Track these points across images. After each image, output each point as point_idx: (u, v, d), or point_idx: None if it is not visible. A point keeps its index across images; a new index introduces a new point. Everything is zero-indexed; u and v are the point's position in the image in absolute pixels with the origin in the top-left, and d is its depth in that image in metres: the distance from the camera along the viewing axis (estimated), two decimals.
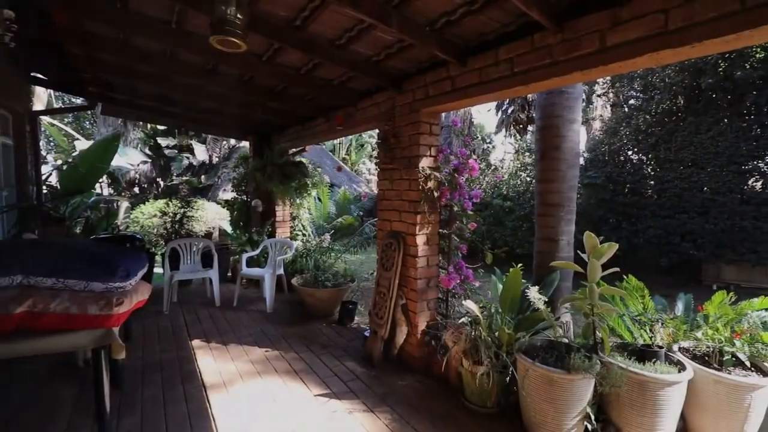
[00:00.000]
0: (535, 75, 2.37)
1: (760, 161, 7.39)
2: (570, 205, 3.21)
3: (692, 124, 7.87)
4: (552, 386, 2.34)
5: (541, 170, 3.33)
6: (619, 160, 8.82)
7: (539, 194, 3.34)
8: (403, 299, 3.36)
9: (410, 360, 3.32)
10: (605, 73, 2.21)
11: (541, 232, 3.31)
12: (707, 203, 7.48)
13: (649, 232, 7.92)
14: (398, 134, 3.46)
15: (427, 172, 3.21)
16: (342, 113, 4.30)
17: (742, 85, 7.42)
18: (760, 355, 2.60)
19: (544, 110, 3.30)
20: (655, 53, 1.86)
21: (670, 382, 2.31)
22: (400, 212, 3.44)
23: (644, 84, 8.86)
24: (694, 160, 7.67)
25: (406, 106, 3.40)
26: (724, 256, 7.47)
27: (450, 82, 2.98)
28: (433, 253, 3.35)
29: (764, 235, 7.08)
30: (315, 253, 5.26)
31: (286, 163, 5.19)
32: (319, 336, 4.02)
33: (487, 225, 9.75)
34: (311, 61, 3.40)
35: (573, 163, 3.21)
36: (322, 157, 15.38)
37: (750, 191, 7.44)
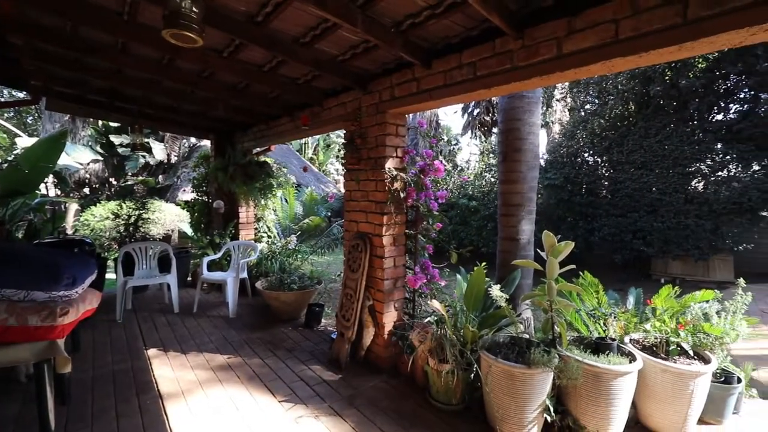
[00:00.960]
0: (496, 79, 2.43)
1: (701, 164, 8.00)
2: (530, 205, 3.32)
3: (642, 129, 8.40)
4: (513, 381, 2.40)
5: (504, 172, 3.43)
6: (577, 162, 9.27)
7: (502, 195, 3.43)
8: (370, 300, 3.35)
9: (377, 361, 3.32)
10: (562, 78, 2.30)
11: (503, 232, 3.41)
12: (655, 203, 8.00)
13: (604, 230, 8.36)
14: (365, 135, 3.45)
15: (393, 173, 3.22)
16: (307, 113, 4.23)
17: (686, 93, 8.00)
18: (702, 344, 2.81)
19: (506, 114, 3.40)
20: (608, 61, 1.96)
21: (623, 372, 2.44)
22: (367, 213, 3.43)
23: (599, 90, 9.35)
24: (643, 163, 8.18)
25: (373, 107, 3.40)
26: (670, 252, 8.02)
27: (415, 83, 3.00)
28: (400, 254, 3.37)
29: (705, 232, 7.67)
30: (281, 256, 5.15)
31: (250, 162, 5.04)
32: (285, 340, 3.94)
33: (453, 225, 9.94)
34: (275, 59, 3.32)
35: (533, 165, 3.32)
36: (289, 157, 15.10)
37: (693, 191, 8.03)
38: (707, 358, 2.67)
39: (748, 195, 7.47)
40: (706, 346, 2.79)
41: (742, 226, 7.77)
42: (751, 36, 1.59)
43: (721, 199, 7.63)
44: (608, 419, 2.47)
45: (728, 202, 7.59)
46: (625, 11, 1.86)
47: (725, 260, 8.23)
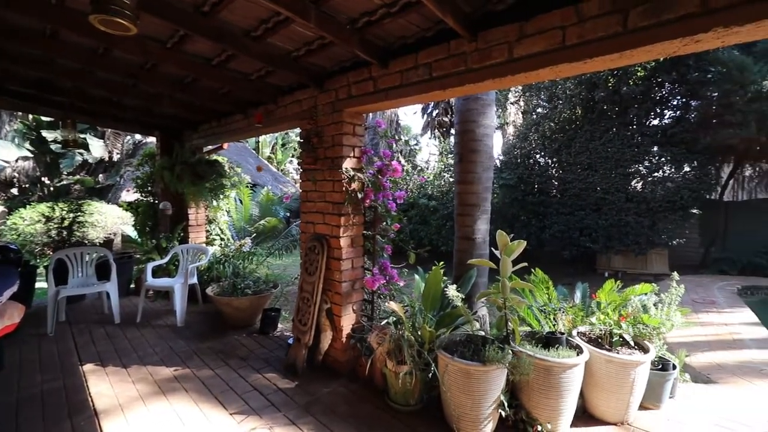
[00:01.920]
0: (451, 80, 2.45)
1: (640, 165, 8.62)
2: (485, 205, 3.40)
3: (588, 132, 8.91)
4: (469, 379, 2.43)
5: (460, 172, 3.48)
6: (529, 162, 9.68)
7: (458, 195, 3.48)
8: (327, 303, 3.27)
9: (336, 365, 3.25)
10: (514, 82, 2.35)
11: (459, 231, 3.46)
12: (600, 201, 8.53)
13: (554, 227, 8.80)
14: (321, 134, 3.37)
15: (350, 173, 3.16)
16: (261, 110, 4.07)
17: (626, 99, 8.58)
18: (642, 334, 3.00)
19: (462, 115, 3.45)
20: (555, 66, 2.02)
21: (571, 365, 2.54)
22: (324, 214, 3.35)
23: (549, 94, 9.81)
24: (589, 164, 8.69)
25: (329, 105, 3.32)
26: (613, 248, 8.58)
27: (372, 83, 2.97)
28: (358, 255, 3.32)
29: (644, 228, 8.27)
30: (234, 259, 4.92)
31: (199, 161, 4.77)
32: (238, 348, 3.76)
33: (413, 224, 10.04)
34: (224, 52, 3.15)
35: (488, 165, 3.40)
36: (245, 156, 14.57)
37: (633, 191, 8.64)
38: (646, 347, 2.85)
39: (681, 194, 8.15)
40: (645, 336, 2.98)
41: (675, 223, 8.47)
42: (684, 46, 1.70)
43: (657, 198, 8.28)
44: (558, 411, 2.57)
45: (663, 200, 8.24)
46: (572, 19, 1.93)
47: (661, 254, 8.94)
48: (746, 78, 6.99)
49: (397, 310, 2.65)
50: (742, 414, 2.91)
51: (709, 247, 9.42)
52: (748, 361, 4.03)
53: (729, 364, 3.95)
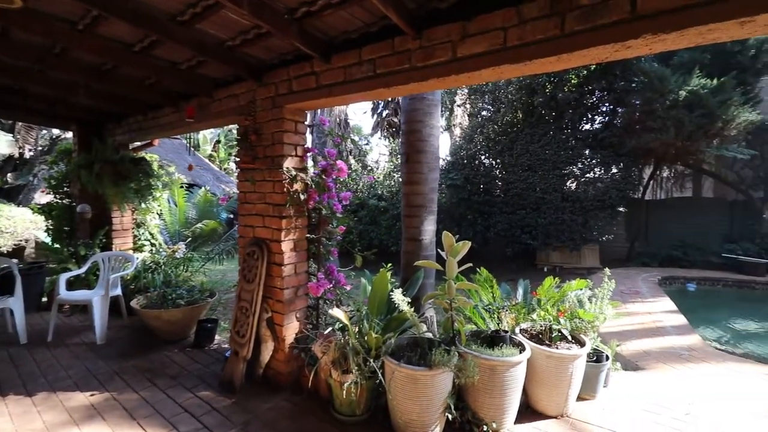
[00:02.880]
0: (396, 78, 2.37)
1: (574, 167, 9.20)
2: (432, 206, 3.38)
3: (528, 135, 9.35)
4: (416, 384, 2.38)
5: (407, 173, 3.43)
6: (475, 163, 9.97)
7: (405, 196, 3.44)
8: (268, 312, 3.06)
9: (278, 378, 3.05)
10: (457, 82, 2.32)
11: (406, 233, 3.41)
12: (539, 201, 8.98)
13: (498, 226, 9.13)
14: (260, 131, 3.15)
15: (292, 173, 2.99)
16: (194, 103, 3.75)
17: (562, 105, 9.11)
18: (578, 328, 3.13)
19: (408, 115, 3.40)
20: (498, 67, 2.01)
21: (514, 363, 2.58)
22: (264, 217, 3.14)
23: (493, 98, 10.18)
24: (529, 165, 9.12)
25: (269, 101, 3.12)
26: (551, 244, 9.08)
27: (314, 78, 2.82)
28: (302, 260, 3.15)
29: (578, 226, 8.83)
30: (166, 267, 4.51)
31: (123, 159, 4.30)
32: (168, 366, 3.42)
33: (363, 225, 9.96)
34: (147, 38, 2.84)
35: (434, 166, 3.38)
36: (182, 154, 13.62)
37: (568, 191, 9.20)
38: (582, 341, 2.98)
39: (609, 193, 8.82)
40: (581, 330, 3.12)
41: (605, 220, 9.15)
42: (615, 52, 1.75)
43: (589, 197, 8.89)
44: (503, 409, 2.60)
45: (594, 199, 8.87)
46: (513, 20, 1.93)
47: (593, 249, 9.62)
48: (665, 87, 7.71)
49: (342, 317, 2.52)
50: (665, 398, 3.14)
51: (634, 241, 10.30)
52: (670, 347, 4.39)
53: (654, 350, 4.28)
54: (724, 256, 9.00)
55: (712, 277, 8.45)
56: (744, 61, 8.46)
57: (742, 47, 8.42)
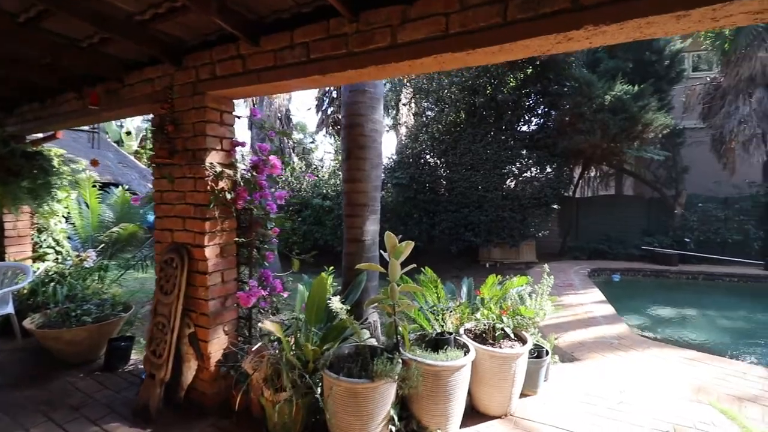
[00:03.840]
0: (332, 64, 2.16)
1: (513, 166, 9.56)
2: (375, 205, 3.21)
3: (470, 135, 9.56)
4: (357, 398, 2.19)
5: (348, 170, 3.23)
6: (420, 162, 10.01)
7: (346, 194, 3.23)
8: (190, 327, 2.71)
9: (203, 400, 2.71)
10: (398, 71, 2.16)
11: (348, 233, 3.21)
12: (481, 199, 9.21)
13: (443, 224, 9.24)
14: (179, 121, 2.78)
15: (217, 170, 2.66)
16: (100, 89, 3.24)
17: (502, 106, 9.42)
18: (520, 324, 3.13)
19: (349, 108, 3.20)
20: (439, 55, 1.88)
21: (458, 366, 2.49)
22: (185, 219, 2.77)
23: (437, 98, 10.28)
24: (472, 164, 9.32)
25: (189, 87, 2.75)
26: (492, 241, 9.36)
27: (241, 62, 2.51)
28: (230, 266, 2.82)
29: (516, 223, 9.18)
30: (72, 278, 3.90)
31: (13, 153, 3.62)
32: (71, 394, 2.91)
33: (307, 225, 9.59)
34: (32, 7, 2.37)
35: (377, 163, 3.22)
36: (102, 150, 12.24)
37: (507, 189, 9.54)
38: (524, 338, 2.98)
39: (544, 192, 9.28)
40: (523, 327, 3.12)
41: (540, 217, 9.62)
42: (557, 44, 1.68)
43: (526, 195, 9.29)
44: (447, 415, 2.50)
45: (531, 197, 9.29)
46: (454, 6, 1.81)
47: (530, 245, 10.09)
48: (593, 92, 8.26)
49: (274, 330, 2.26)
50: (600, 388, 3.26)
51: (566, 236, 10.98)
52: (601, 337, 4.63)
53: (588, 341, 4.48)
54: (642, 249, 9.87)
55: (633, 268, 9.23)
56: (660, 70, 9.34)
57: (658, 57, 9.28)
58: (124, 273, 5.18)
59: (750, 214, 9.54)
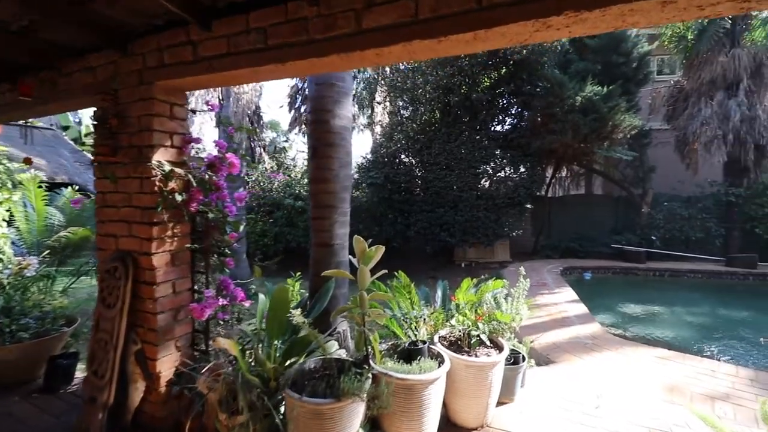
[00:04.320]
0: (291, 52, 1.96)
1: (487, 166, 9.56)
2: (344, 207, 3.01)
3: (445, 134, 9.49)
4: (322, 419, 2.00)
5: (315, 169, 3.02)
6: (395, 162, 9.86)
7: (312, 195, 3.02)
8: (137, 344, 2.43)
9: (153, 423, 2.44)
10: (364, 60, 1.98)
11: (316, 237, 3.00)
12: (456, 199, 9.16)
13: (418, 224, 9.13)
14: (123, 114, 2.50)
15: (165, 169, 2.39)
16: (33, 78, 2.90)
17: (476, 105, 9.40)
18: (496, 330, 3.02)
19: (315, 103, 2.99)
20: (408, 43, 1.71)
21: (432, 379, 2.34)
22: (130, 224, 2.49)
23: (411, 96, 10.15)
24: (447, 164, 9.25)
25: (135, 76, 2.47)
26: (467, 241, 9.33)
27: (191, 48, 2.27)
28: (183, 275, 2.57)
29: (491, 222, 9.18)
30: (11, 288, 3.51)
31: None
32: (2, 420, 2.58)
33: (279, 227, 9.25)
34: None
35: (346, 162, 3.02)
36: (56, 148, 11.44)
37: (482, 189, 9.53)
38: (501, 345, 2.86)
39: (518, 191, 9.32)
40: (499, 332, 3.01)
41: (514, 217, 9.67)
42: (536, 32, 1.55)
43: (500, 195, 9.30)
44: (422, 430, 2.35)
45: (505, 197, 9.31)
46: None
47: (504, 244, 10.13)
48: (564, 93, 8.35)
49: (228, 347, 2.04)
50: (576, 392, 3.19)
51: (538, 236, 11.12)
52: (575, 337, 4.61)
53: (562, 342, 4.44)
54: (612, 247, 10.10)
55: (604, 266, 9.42)
56: (628, 71, 9.57)
57: (626, 59, 9.50)
58: (75, 281, 4.76)
59: (711, 213, 9.92)
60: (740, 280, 8.52)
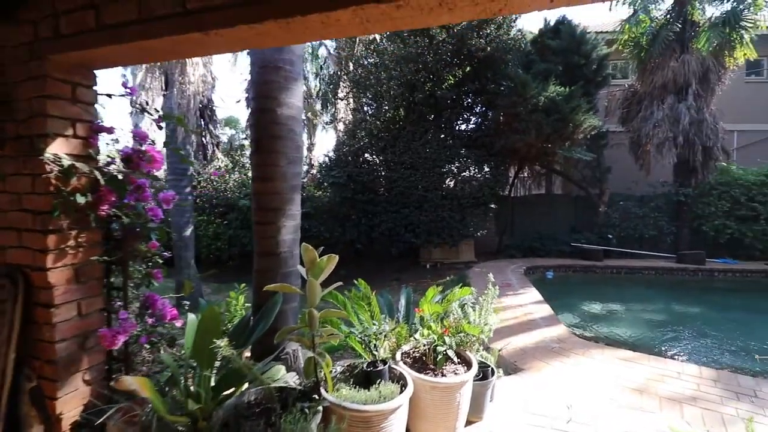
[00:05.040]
0: (215, 17, 1.57)
1: (452, 165, 9.44)
2: (292, 209, 2.64)
3: (410, 133, 9.26)
4: None
5: (257, 165, 2.62)
6: (359, 161, 9.51)
7: (255, 196, 2.62)
8: (32, 381, 1.96)
9: None
10: (308, 30, 1.63)
11: (259, 245, 2.60)
12: (421, 199, 8.96)
13: (383, 225, 8.84)
14: (9, 97, 2.00)
15: (65, 164, 1.93)
16: None
17: (441, 103, 9.24)
18: (464, 343, 2.77)
19: (258, 89, 2.60)
20: (360, 7, 1.39)
21: (393, 408, 2.05)
22: (20, 231, 2.00)
23: (375, 93, 9.85)
24: (411, 163, 9.03)
25: (24, 50, 1.99)
26: (432, 241, 9.16)
27: (94, 13, 1.82)
28: (91, 294, 2.10)
29: (456, 222, 9.06)
30: None
31: None
32: None
33: (233, 229, 8.65)
34: None
35: (294, 158, 2.65)
36: None
37: (447, 189, 9.39)
38: (469, 360, 2.62)
39: (482, 191, 9.26)
40: (466, 345, 2.77)
41: (479, 217, 9.62)
42: None
43: (465, 195, 9.21)
44: None
45: (470, 197, 9.23)
46: None
47: (469, 244, 10.07)
48: (527, 92, 8.36)
49: (136, 387, 1.63)
50: (546, 404, 3.02)
51: (502, 235, 11.17)
52: (542, 341, 4.49)
53: (530, 347, 4.30)
54: (572, 245, 10.29)
55: (565, 264, 9.56)
56: (588, 73, 9.77)
57: (586, 61, 9.69)
58: None
59: (663, 211, 10.35)
60: (690, 276, 8.90)
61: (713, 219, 9.90)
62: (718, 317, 6.49)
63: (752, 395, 3.31)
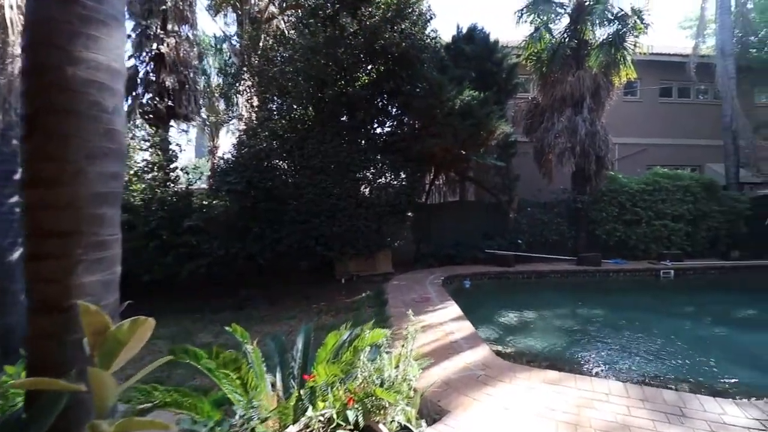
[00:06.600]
0: None
1: (367, 171, 8.79)
2: (101, 233, 1.62)
3: (319, 134, 8.38)
4: None
5: (31, 159, 1.57)
6: (262, 165, 8.32)
7: (28, 212, 1.55)
8: None
9: None
10: None
11: (33, 294, 1.54)
12: (334, 208, 8.12)
13: (291, 237, 7.80)
14: None
15: None
16: None
17: (354, 102, 8.53)
18: (374, 409, 2.01)
19: (34, 33, 1.55)
20: None
21: None
22: None
23: (279, 87, 8.79)
24: (322, 168, 8.15)
25: None
26: (347, 253, 8.39)
27: None
28: None
29: (372, 232, 8.40)
30: None
31: None
32: None
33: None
34: None
35: (103, 149, 1.63)
36: None
37: (362, 196, 8.71)
38: None
39: (399, 199, 8.77)
40: (377, 413, 2.01)
41: (396, 225, 9.11)
42: None
43: (381, 203, 8.62)
44: None
45: (386, 204, 8.66)
46: None
47: (386, 254, 9.52)
48: (444, 95, 8.10)
49: None
50: None
51: (419, 244, 10.87)
52: (465, 368, 3.97)
53: (453, 377, 3.74)
54: (485, 252, 10.36)
55: (480, 272, 9.52)
56: (500, 80, 9.96)
57: (498, 68, 9.86)
58: None
59: (564, 217, 11.00)
60: (590, 277, 9.49)
61: (605, 223, 10.78)
62: (620, 318, 6.79)
63: (680, 414, 3.14)
